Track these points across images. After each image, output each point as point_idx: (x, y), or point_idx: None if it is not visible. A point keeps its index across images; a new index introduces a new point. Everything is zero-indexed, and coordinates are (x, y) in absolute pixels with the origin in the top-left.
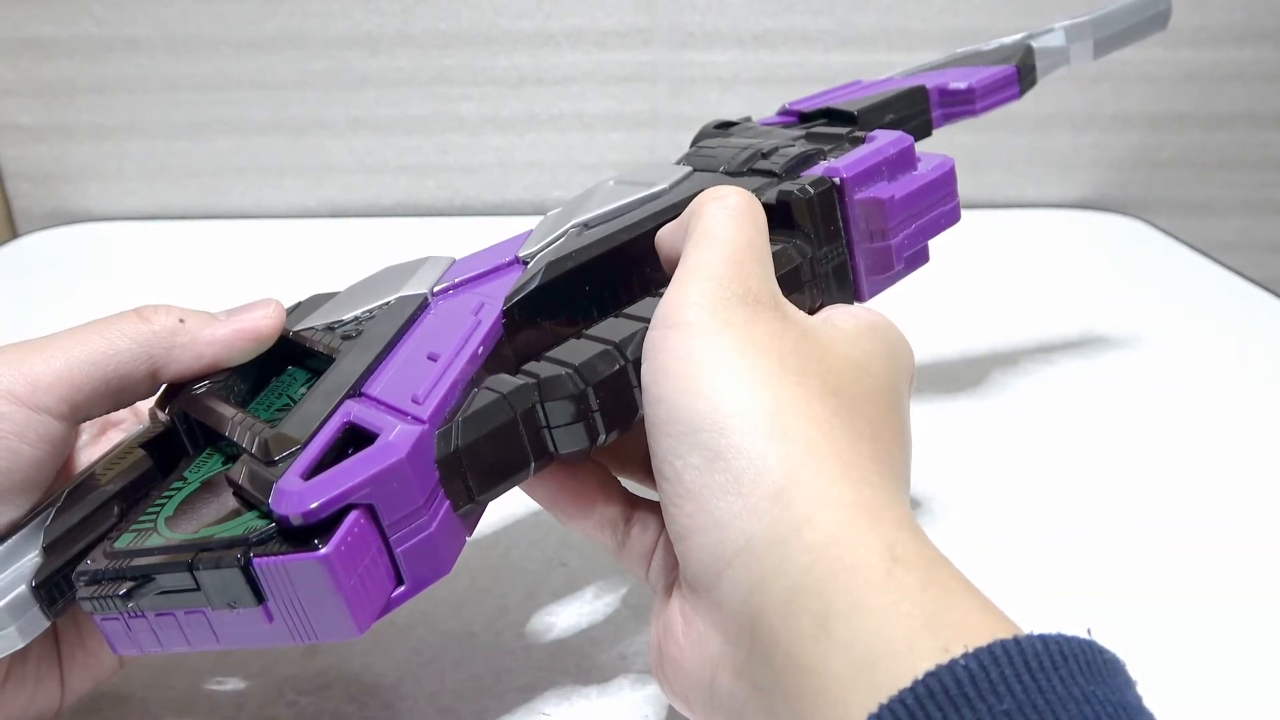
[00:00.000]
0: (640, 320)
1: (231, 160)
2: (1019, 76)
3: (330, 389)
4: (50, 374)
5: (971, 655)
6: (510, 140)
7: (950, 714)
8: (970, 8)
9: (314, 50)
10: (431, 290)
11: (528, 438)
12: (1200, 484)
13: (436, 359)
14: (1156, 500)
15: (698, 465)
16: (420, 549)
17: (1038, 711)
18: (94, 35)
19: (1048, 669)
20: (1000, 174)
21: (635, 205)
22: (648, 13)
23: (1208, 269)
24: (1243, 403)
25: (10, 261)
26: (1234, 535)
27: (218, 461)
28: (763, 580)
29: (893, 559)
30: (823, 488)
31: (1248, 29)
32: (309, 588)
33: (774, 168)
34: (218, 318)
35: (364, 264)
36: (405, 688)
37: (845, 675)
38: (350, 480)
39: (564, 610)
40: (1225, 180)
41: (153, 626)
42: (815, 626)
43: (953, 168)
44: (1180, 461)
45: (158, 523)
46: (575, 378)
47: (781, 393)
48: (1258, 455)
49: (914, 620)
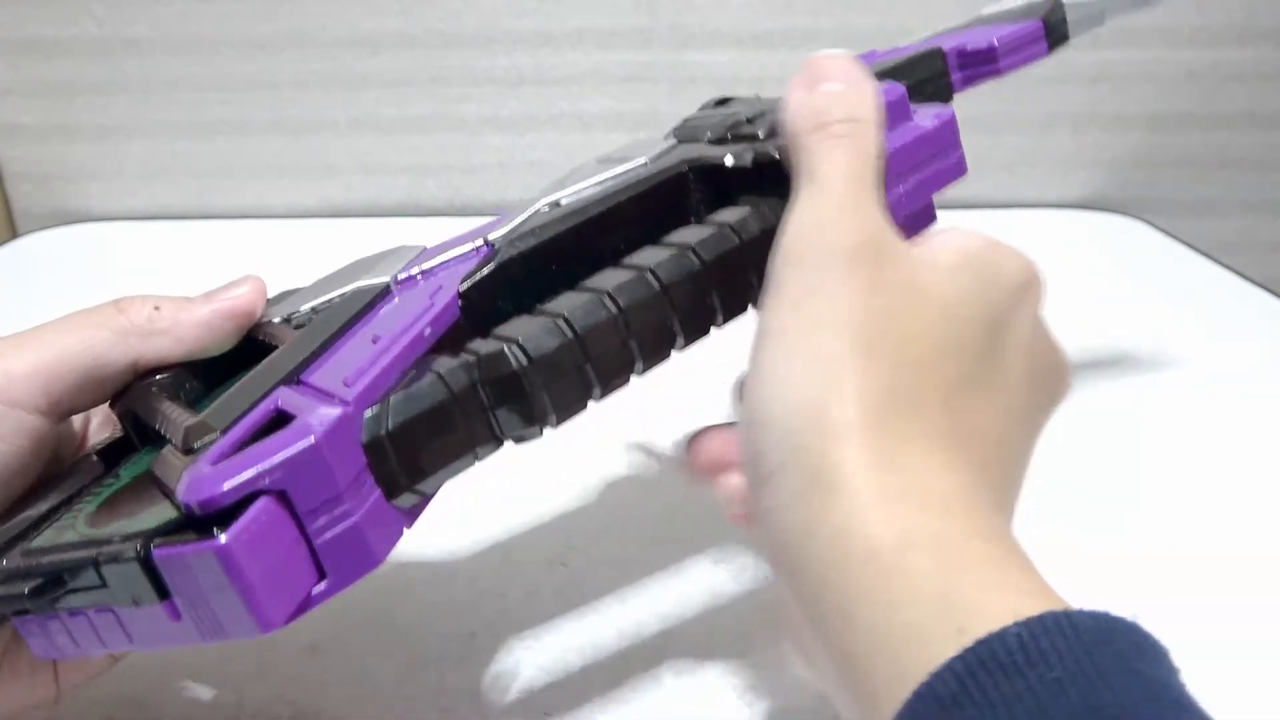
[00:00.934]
0: (596, 291)
1: (231, 160)
2: (1046, 31)
3: (263, 377)
4: (25, 368)
5: (1022, 624)
6: (510, 140)
7: (1002, 683)
8: (969, 8)
9: (314, 50)
10: (394, 278)
11: (468, 420)
12: (1200, 484)
13: (378, 341)
14: (1156, 500)
15: (749, 459)
16: (342, 540)
17: (1088, 680)
18: (94, 35)
19: (1099, 642)
20: (1000, 174)
21: (611, 180)
22: (648, 13)
23: (1208, 269)
24: (1243, 403)
25: (10, 261)
26: (1234, 535)
27: (154, 457)
28: (796, 570)
29: (906, 544)
30: (847, 477)
31: (1248, 29)
32: (211, 581)
33: (756, 131)
34: (194, 301)
35: None
36: (405, 688)
37: (870, 664)
38: (257, 464)
39: (564, 610)
40: (1225, 180)
41: (67, 627)
42: (837, 617)
43: (952, 117)
44: (1180, 461)
45: (78, 520)
46: (517, 353)
47: (837, 380)
48: (1258, 455)
49: (928, 607)
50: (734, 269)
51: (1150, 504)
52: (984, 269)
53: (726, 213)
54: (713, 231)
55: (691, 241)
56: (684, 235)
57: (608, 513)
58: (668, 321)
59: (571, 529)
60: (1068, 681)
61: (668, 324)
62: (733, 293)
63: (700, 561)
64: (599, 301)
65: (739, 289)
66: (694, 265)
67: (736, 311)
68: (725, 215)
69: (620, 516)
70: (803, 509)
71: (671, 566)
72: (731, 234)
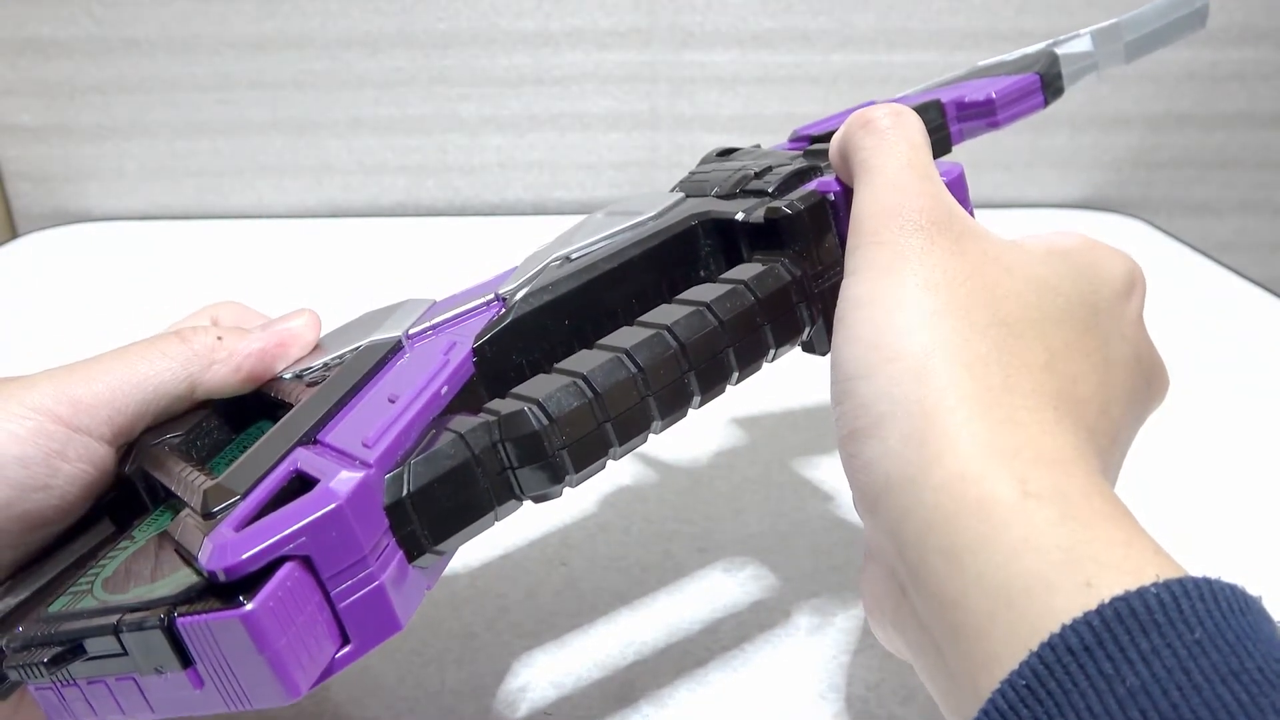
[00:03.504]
0: (613, 350)
1: (231, 160)
2: (1042, 84)
3: (280, 437)
4: (91, 396)
5: (1163, 584)
6: (510, 140)
7: (1139, 638)
8: (970, 8)
9: (314, 50)
10: (406, 333)
11: (489, 480)
12: (1200, 484)
13: (396, 401)
14: (1156, 500)
15: (851, 410)
16: (367, 604)
17: (1229, 646)
18: (94, 35)
19: (1236, 610)
20: (1000, 174)
21: (620, 234)
22: (648, 13)
23: (1208, 269)
24: (1243, 403)
25: (10, 261)
26: (1233, 535)
27: (168, 519)
28: (900, 519)
29: (1024, 494)
30: (956, 427)
31: (1248, 29)
32: (236, 648)
33: (766, 187)
34: (252, 331)
35: (364, 264)
36: (406, 688)
37: (982, 609)
38: (282, 529)
39: (564, 610)
40: (1225, 180)
41: (85, 695)
42: (947, 564)
43: (961, 174)
44: (1180, 461)
45: (94, 585)
46: (537, 413)
47: (937, 334)
48: (1257, 455)
49: (1050, 555)
50: (750, 327)
51: (1149, 503)
52: (1081, 261)
53: (740, 270)
54: (728, 289)
55: (708, 299)
56: (699, 293)
57: (608, 513)
58: (685, 379)
59: (571, 529)
60: (1208, 644)
61: (685, 382)
62: (748, 350)
63: (700, 561)
64: (618, 361)
65: (754, 347)
66: (711, 323)
67: (752, 369)
68: (739, 273)
69: (620, 516)
70: (910, 457)
71: (671, 566)
72: (746, 292)
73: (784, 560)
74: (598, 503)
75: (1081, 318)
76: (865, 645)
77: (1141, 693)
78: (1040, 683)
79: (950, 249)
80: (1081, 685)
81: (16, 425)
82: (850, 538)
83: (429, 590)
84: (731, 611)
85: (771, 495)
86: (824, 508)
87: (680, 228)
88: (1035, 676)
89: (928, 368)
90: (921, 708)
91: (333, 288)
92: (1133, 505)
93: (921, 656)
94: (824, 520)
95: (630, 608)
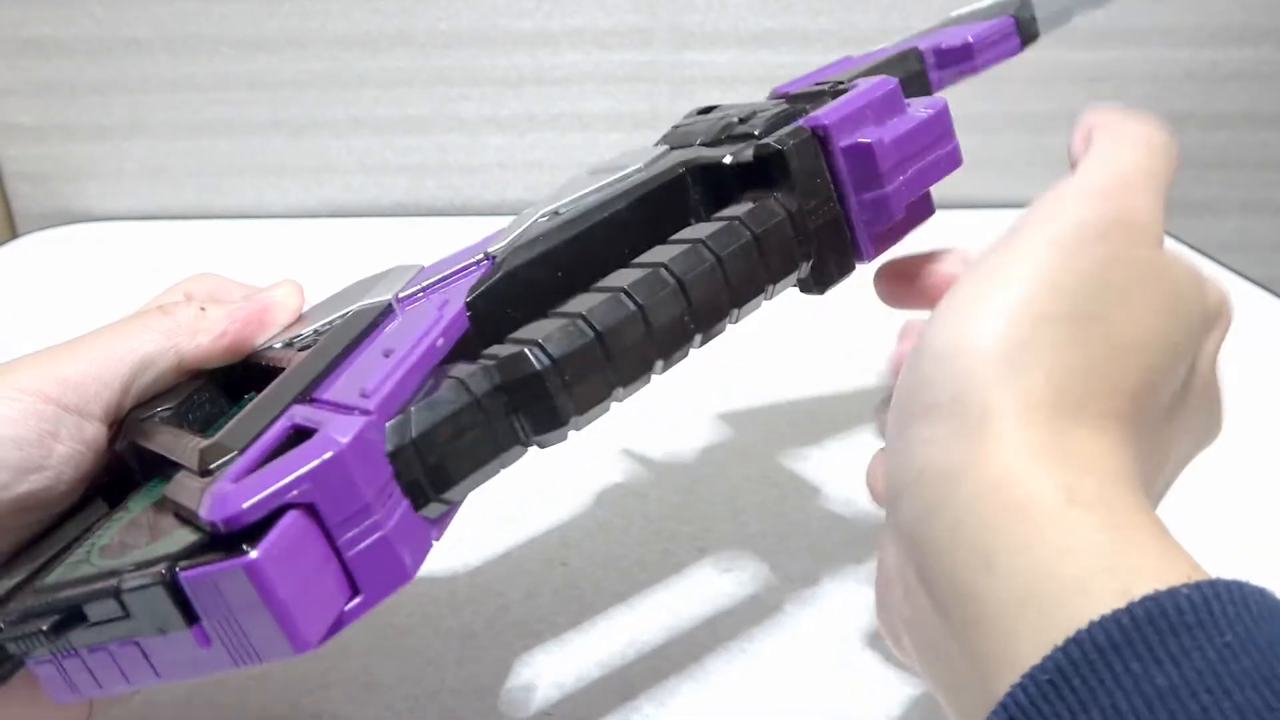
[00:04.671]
0: (610, 290)
1: (231, 160)
2: (1017, 27)
3: (275, 396)
4: (78, 374)
5: (1194, 586)
6: (510, 140)
7: (1169, 639)
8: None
9: (314, 50)
10: (396, 297)
11: (493, 425)
12: (1200, 484)
13: (392, 355)
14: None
15: (912, 383)
16: (375, 553)
17: (1260, 650)
18: (94, 35)
19: (1266, 614)
20: (1000, 174)
21: (607, 188)
22: (648, 13)
23: (1207, 269)
24: (1242, 403)
25: (10, 261)
26: (1233, 535)
27: (163, 488)
28: (929, 510)
29: (1069, 501)
30: (1011, 429)
31: (1248, 29)
32: (241, 600)
33: (752, 130)
34: (236, 301)
35: (364, 264)
36: (406, 688)
37: (1010, 608)
38: (283, 477)
39: (564, 610)
40: (1225, 180)
41: (88, 665)
42: (977, 560)
43: (945, 106)
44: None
45: (91, 554)
46: (538, 354)
47: (1028, 334)
48: (1258, 455)
49: (1091, 562)
50: (747, 262)
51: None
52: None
53: (733, 208)
54: (723, 225)
55: (702, 236)
56: (694, 231)
57: (608, 513)
58: (684, 317)
59: (571, 529)
60: (1239, 648)
61: (684, 320)
62: (746, 286)
63: (700, 561)
64: (617, 299)
65: (752, 283)
66: (708, 259)
67: (750, 306)
68: (732, 210)
69: (620, 516)
70: (958, 448)
71: (671, 566)
72: (741, 227)
73: (784, 560)
74: (598, 503)
75: (1175, 344)
76: (866, 645)
77: (1170, 694)
78: (1065, 679)
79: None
80: (1108, 683)
81: (7, 407)
82: (850, 537)
83: (437, 541)
84: (731, 611)
85: (771, 495)
86: (824, 508)
87: (668, 175)
88: (1060, 672)
89: (1005, 367)
90: (922, 708)
91: (333, 288)
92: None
93: (928, 651)
94: (824, 520)
95: (630, 607)
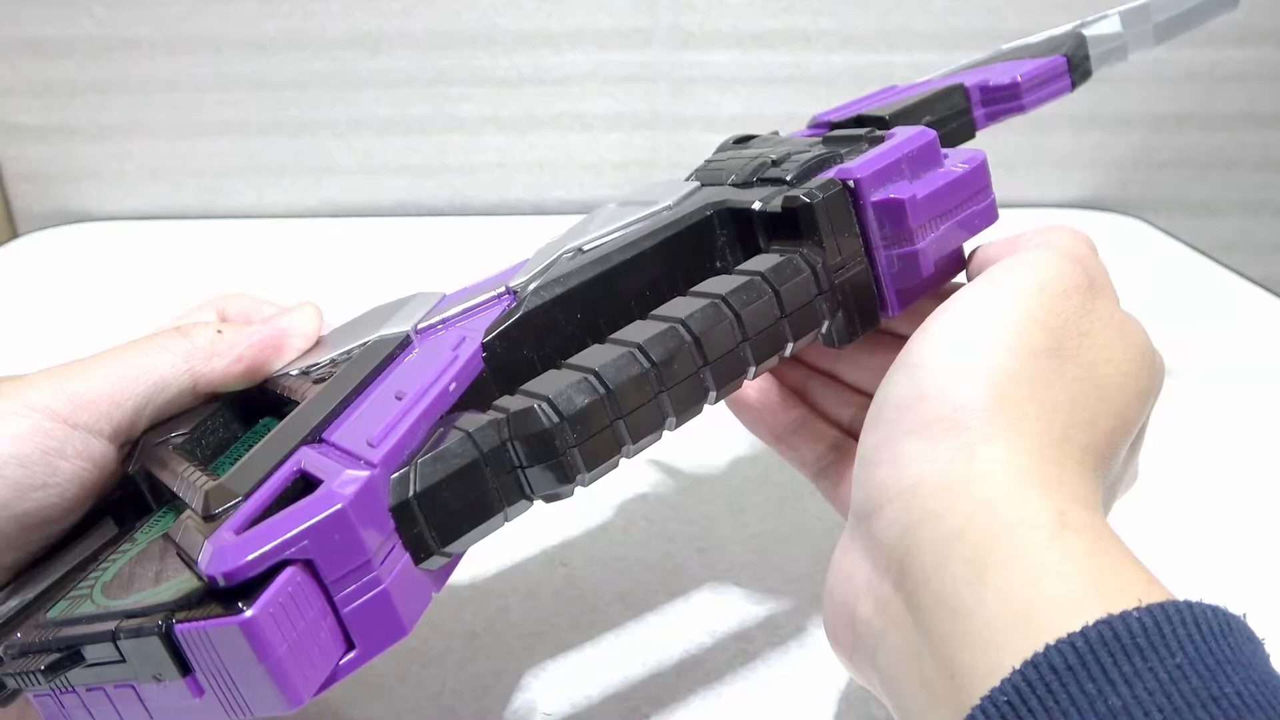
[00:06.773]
0: (626, 345)
1: (231, 160)
2: (1069, 66)
3: (284, 436)
4: (89, 391)
5: (1145, 609)
6: (510, 140)
7: (1121, 661)
8: (970, 8)
9: (314, 50)
10: (415, 328)
11: (497, 480)
12: (1200, 484)
13: (403, 398)
14: (1156, 501)
15: (903, 398)
16: (372, 609)
17: (1209, 670)
18: (94, 35)
19: (1217, 633)
20: (1000, 174)
21: (634, 225)
22: (648, 13)
23: (1208, 269)
24: (1242, 402)
25: (10, 261)
26: (1233, 535)
27: (171, 520)
28: (920, 521)
29: (1062, 524)
30: (1009, 454)
31: (1248, 29)
32: (235, 656)
33: (784, 175)
34: (254, 323)
35: (364, 264)
36: (406, 688)
37: (998, 622)
38: (283, 533)
39: (564, 611)
40: (1225, 180)
41: (85, 703)
42: (969, 573)
43: (984, 161)
44: (1180, 461)
45: (94, 590)
46: (547, 410)
47: (1021, 366)
48: (1257, 455)
49: (1078, 582)
50: (767, 321)
51: (1148, 504)
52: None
53: (758, 261)
54: (745, 281)
55: (723, 291)
56: (715, 285)
57: (608, 513)
58: (700, 374)
59: (571, 529)
60: (1189, 669)
61: (700, 377)
62: (765, 344)
63: (700, 561)
64: (630, 356)
65: (771, 340)
66: (726, 317)
67: (768, 363)
68: (756, 264)
69: (620, 516)
70: (959, 463)
71: (672, 567)
72: (764, 284)
73: (784, 560)
74: (598, 503)
75: (1144, 389)
76: None
77: (1123, 713)
78: (1022, 700)
79: (1074, 306)
80: (1063, 703)
81: (13, 424)
82: None
83: (437, 594)
84: (731, 611)
85: (771, 495)
86: (824, 508)
87: (695, 218)
88: (1017, 693)
89: (1002, 393)
90: None
91: (333, 288)
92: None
93: (897, 667)
94: (824, 520)
95: (630, 608)
